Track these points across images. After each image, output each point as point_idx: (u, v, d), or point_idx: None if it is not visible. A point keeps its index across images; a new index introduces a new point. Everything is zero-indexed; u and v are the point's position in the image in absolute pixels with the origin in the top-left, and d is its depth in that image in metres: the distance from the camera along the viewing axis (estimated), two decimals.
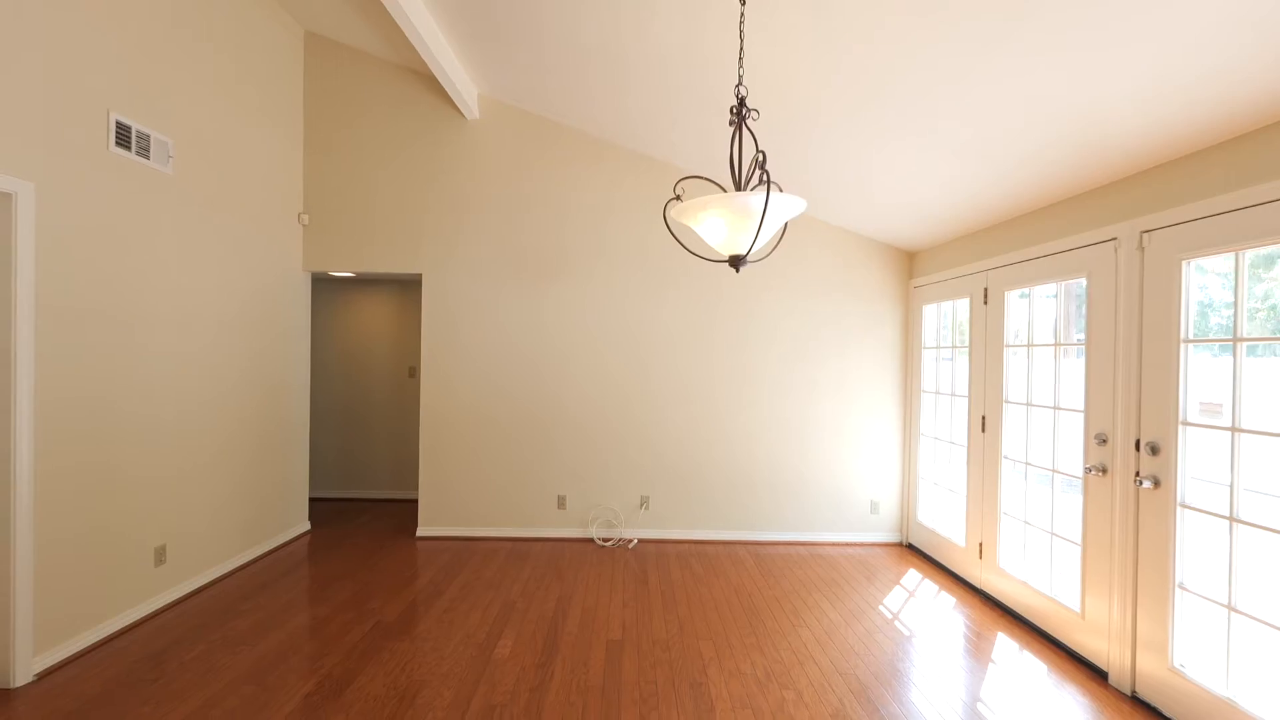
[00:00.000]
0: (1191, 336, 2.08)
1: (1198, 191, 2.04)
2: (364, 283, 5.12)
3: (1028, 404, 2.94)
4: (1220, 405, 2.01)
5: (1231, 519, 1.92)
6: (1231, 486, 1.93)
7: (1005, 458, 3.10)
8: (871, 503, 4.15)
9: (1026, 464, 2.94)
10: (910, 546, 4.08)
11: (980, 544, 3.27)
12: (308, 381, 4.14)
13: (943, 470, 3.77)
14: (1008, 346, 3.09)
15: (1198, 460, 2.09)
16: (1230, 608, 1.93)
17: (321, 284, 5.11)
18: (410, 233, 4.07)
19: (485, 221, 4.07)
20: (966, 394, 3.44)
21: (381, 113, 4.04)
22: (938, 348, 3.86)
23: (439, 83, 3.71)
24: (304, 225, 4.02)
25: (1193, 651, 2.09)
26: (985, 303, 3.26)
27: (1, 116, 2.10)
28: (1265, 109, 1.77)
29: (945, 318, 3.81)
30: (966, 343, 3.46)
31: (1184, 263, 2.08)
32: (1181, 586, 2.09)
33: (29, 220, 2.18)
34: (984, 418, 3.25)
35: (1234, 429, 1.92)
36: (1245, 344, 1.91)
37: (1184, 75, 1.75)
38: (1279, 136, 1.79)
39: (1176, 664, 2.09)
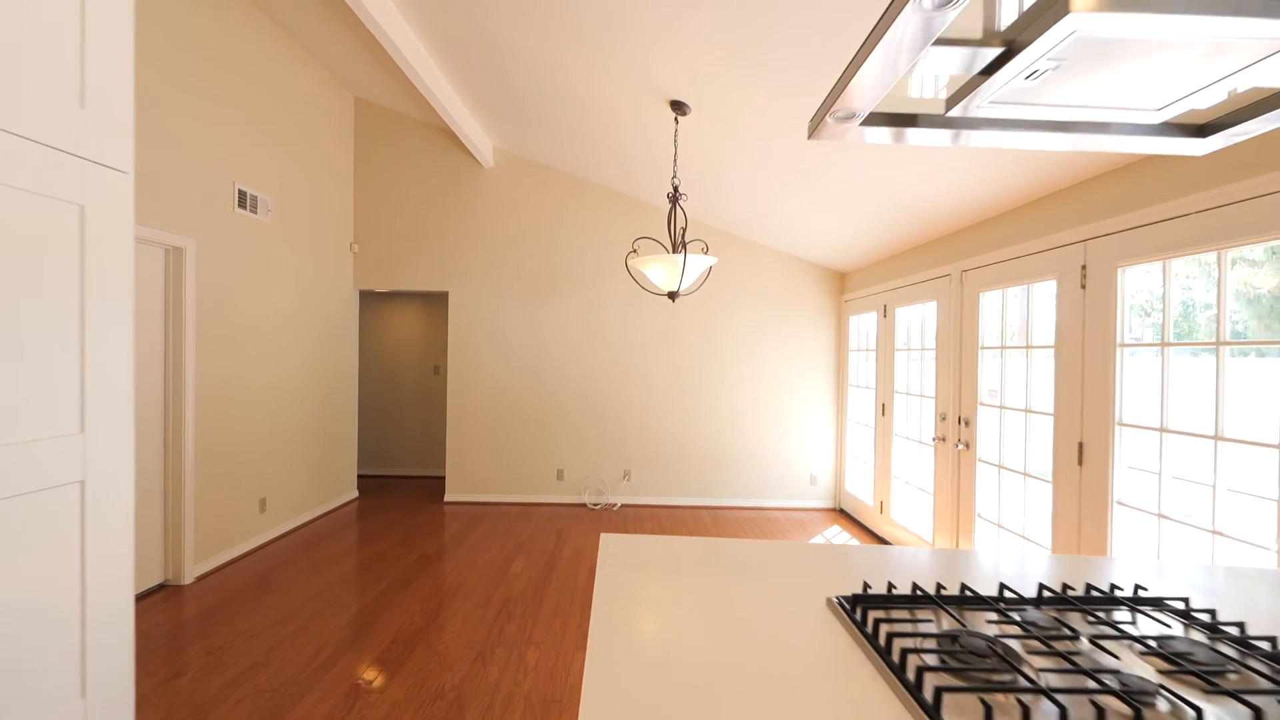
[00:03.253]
0: (984, 344, 3.04)
1: (983, 247, 3.01)
2: (395, 296, 6.11)
3: (907, 393, 3.91)
4: (996, 391, 2.95)
5: (999, 466, 2.89)
6: (1000, 445, 2.89)
7: (896, 434, 4.06)
8: (811, 475, 5.12)
9: (906, 438, 3.91)
10: (841, 510, 5.05)
11: (881, 502, 4.24)
12: (356, 378, 5.14)
13: (863, 448, 4.73)
14: (897, 350, 4.05)
15: (989, 429, 3.06)
16: (999, 525, 2.89)
17: (361, 296, 6.10)
18: (438, 257, 5.06)
19: (496, 248, 5.06)
20: (875, 386, 4.40)
21: (415, 161, 5.03)
22: (859, 350, 4.82)
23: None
24: (354, 253, 5.02)
25: None
26: (885, 316, 4.22)
27: (179, 194, 3.10)
28: (1006, 201, 2.73)
29: (864, 326, 4.76)
30: (875, 346, 4.42)
31: (980, 294, 3.05)
32: (980, 516, 3.06)
33: (192, 265, 3.18)
34: (884, 404, 4.22)
35: (1001, 407, 2.89)
36: (1009, 350, 2.87)
37: (970, 179, 2.72)
38: (1019, 218, 2.75)
39: None
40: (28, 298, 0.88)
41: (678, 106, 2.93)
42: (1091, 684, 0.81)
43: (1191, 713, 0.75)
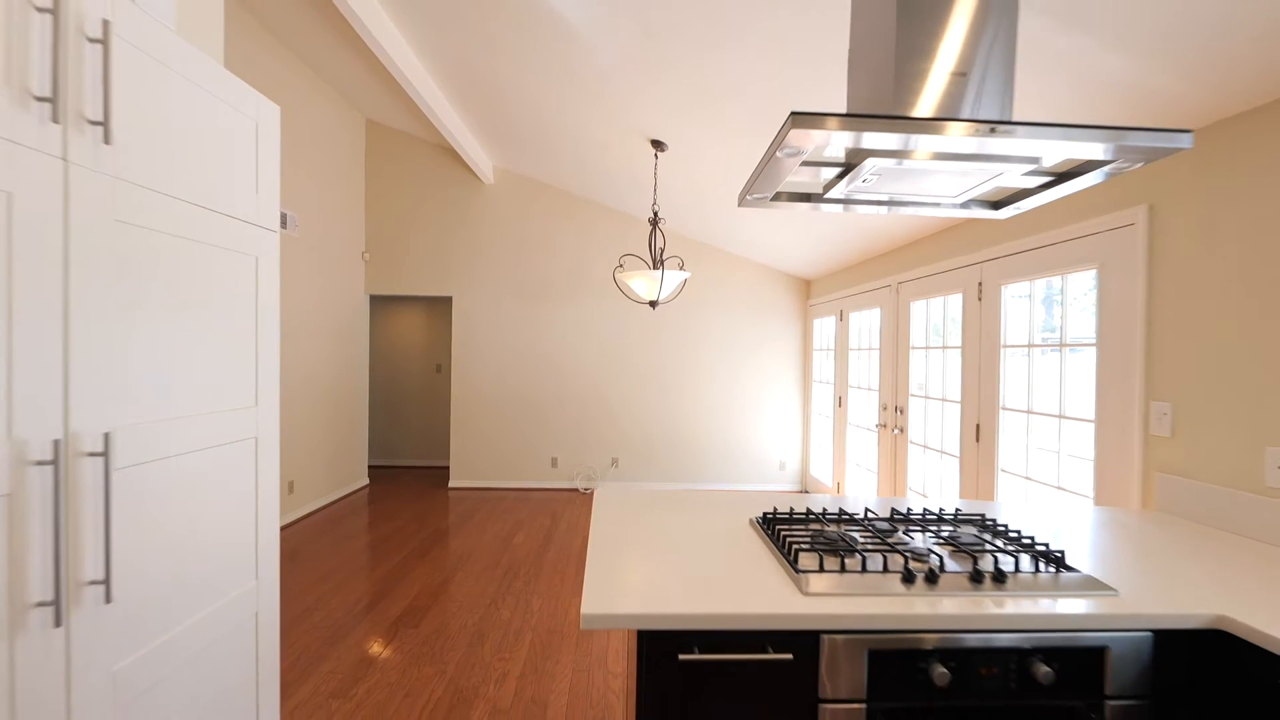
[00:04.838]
0: (914, 345, 3.62)
1: (913, 264, 3.58)
2: (399, 300, 6.58)
3: (858, 387, 4.49)
4: (923, 384, 3.53)
5: (924, 446, 3.47)
6: (924, 429, 3.48)
7: (850, 424, 4.64)
8: (780, 462, 5.69)
9: (857, 426, 4.49)
10: (806, 493, 5.61)
11: (838, 483, 4.82)
12: (367, 375, 5.61)
13: (824, 436, 5.31)
14: (851, 350, 4.63)
15: (918, 416, 3.63)
16: (922, 494, 3.47)
17: (369, 300, 6.55)
18: (442, 264, 5.55)
19: (497, 256, 5.56)
20: (834, 382, 4.98)
21: (421, 177, 5.51)
22: (821, 350, 5.40)
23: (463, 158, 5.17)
24: (366, 261, 5.49)
25: None
26: (841, 320, 4.80)
27: None
28: (929, 227, 3.31)
29: (825, 328, 5.34)
30: (834, 346, 5.00)
31: (910, 303, 3.62)
32: (910, 489, 3.64)
33: None
34: (840, 397, 4.80)
35: (926, 397, 3.47)
36: (931, 350, 3.45)
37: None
38: (939, 241, 3.33)
39: None
40: (237, 319, 1.40)
41: (657, 145, 3.46)
42: (887, 549, 1.36)
43: (937, 559, 1.30)
